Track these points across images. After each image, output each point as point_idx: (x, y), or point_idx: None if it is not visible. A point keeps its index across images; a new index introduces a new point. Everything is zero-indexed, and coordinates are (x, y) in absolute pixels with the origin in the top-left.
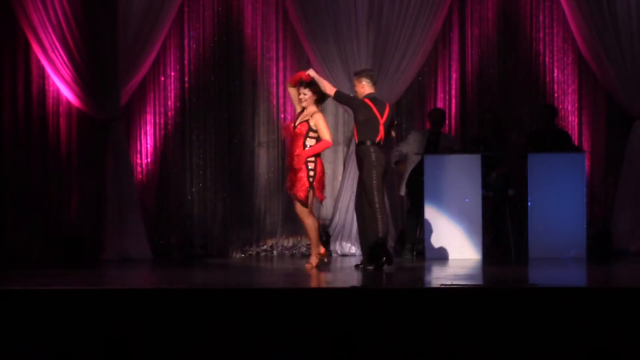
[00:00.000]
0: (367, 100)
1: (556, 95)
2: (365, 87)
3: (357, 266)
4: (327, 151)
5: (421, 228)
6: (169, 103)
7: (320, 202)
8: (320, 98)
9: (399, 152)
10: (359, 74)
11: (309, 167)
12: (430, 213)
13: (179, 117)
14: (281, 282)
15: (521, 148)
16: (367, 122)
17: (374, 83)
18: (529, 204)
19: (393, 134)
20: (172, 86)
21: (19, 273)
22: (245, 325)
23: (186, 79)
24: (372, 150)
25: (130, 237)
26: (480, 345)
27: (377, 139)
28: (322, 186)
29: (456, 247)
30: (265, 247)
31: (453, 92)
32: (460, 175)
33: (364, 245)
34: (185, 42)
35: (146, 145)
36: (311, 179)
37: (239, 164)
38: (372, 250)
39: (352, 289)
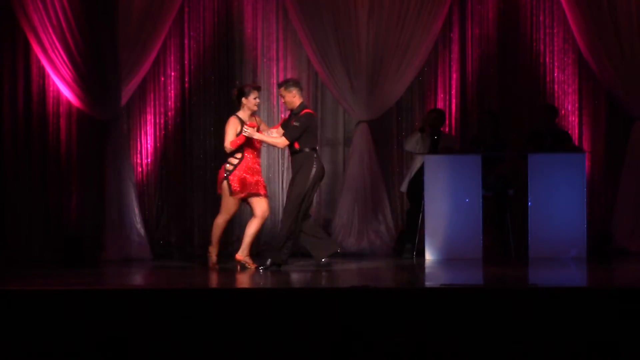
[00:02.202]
0: (313, 112)
1: (556, 95)
2: (296, 97)
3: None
4: (325, 151)
5: (421, 228)
6: (169, 103)
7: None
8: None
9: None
10: (286, 84)
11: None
12: (430, 213)
13: (179, 117)
14: (281, 282)
15: (521, 148)
16: (312, 132)
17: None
18: (529, 204)
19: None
20: (172, 86)
21: (19, 273)
22: (245, 325)
23: (186, 79)
24: (315, 158)
25: (130, 237)
26: (480, 345)
27: (317, 146)
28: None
29: (456, 247)
30: (265, 247)
31: (453, 92)
32: (460, 175)
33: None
34: (186, 42)
35: (146, 145)
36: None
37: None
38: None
39: (352, 289)
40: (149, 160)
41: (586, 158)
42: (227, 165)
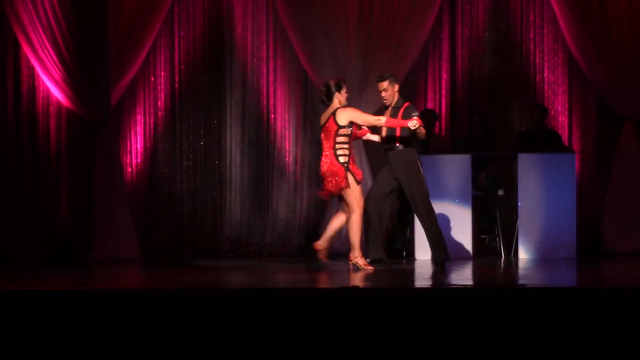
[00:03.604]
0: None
1: (546, 95)
2: (396, 92)
3: (440, 267)
4: (316, 152)
5: (411, 229)
6: (159, 103)
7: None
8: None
9: None
10: (391, 79)
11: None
12: None
13: (169, 117)
14: (272, 282)
15: (511, 148)
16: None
17: None
18: (519, 204)
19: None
20: (162, 86)
21: (8, 273)
22: (235, 325)
23: (176, 79)
24: (416, 153)
25: (119, 237)
26: (470, 345)
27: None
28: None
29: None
30: (255, 247)
31: (443, 92)
32: (450, 175)
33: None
34: (176, 42)
35: (136, 145)
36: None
37: (229, 164)
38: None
39: (342, 290)
40: (138, 160)
41: (576, 158)
42: (340, 158)
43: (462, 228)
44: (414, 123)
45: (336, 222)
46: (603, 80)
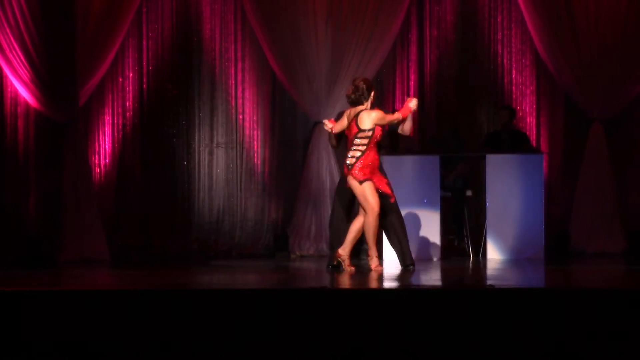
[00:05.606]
0: None
1: (514, 96)
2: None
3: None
4: (284, 152)
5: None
6: (127, 104)
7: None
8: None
9: None
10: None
11: None
12: None
13: (137, 118)
14: (240, 282)
15: (479, 149)
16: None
17: None
18: (487, 205)
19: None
20: (131, 87)
21: None
22: (205, 326)
23: (144, 79)
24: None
25: (88, 238)
26: (437, 346)
27: None
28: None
29: (414, 248)
30: (224, 248)
31: (411, 93)
32: (418, 176)
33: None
34: (144, 43)
35: (104, 146)
36: None
37: (198, 165)
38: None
39: (310, 290)
40: (107, 161)
41: (544, 159)
42: (347, 160)
43: (430, 229)
44: (414, 103)
45: (355, 225)
46: (571, 82)
